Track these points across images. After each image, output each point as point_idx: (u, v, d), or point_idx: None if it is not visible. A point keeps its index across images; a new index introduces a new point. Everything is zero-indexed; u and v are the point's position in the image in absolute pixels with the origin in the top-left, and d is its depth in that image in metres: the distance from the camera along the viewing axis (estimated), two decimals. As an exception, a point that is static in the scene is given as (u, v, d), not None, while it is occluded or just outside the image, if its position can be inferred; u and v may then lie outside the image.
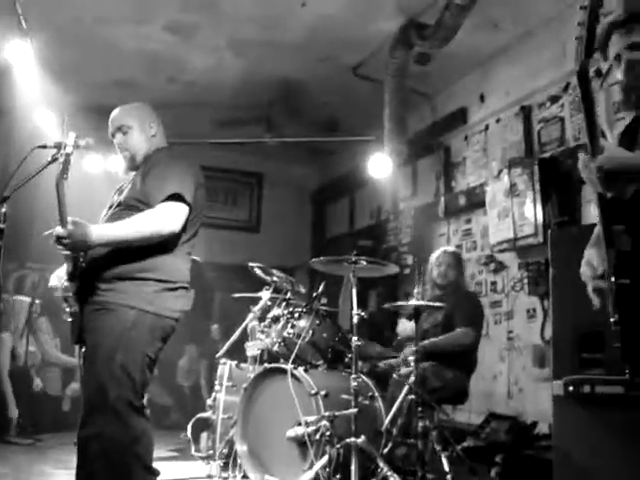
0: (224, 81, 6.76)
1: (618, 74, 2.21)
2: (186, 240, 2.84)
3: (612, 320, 2.00)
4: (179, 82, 6.80)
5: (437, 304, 4.28)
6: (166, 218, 2.63)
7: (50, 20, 5.36)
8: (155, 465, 2.69)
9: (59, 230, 2.49)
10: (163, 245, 2.69)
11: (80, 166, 6.34)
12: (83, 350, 2.73)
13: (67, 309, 2.76)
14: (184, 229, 2.74)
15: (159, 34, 5.79)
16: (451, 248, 5.16)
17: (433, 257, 4.93)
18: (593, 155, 1.93)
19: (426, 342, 4.42)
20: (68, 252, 2.58)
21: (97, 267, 2.68)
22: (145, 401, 2.76)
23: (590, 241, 2.28)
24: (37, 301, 6.39)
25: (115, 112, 3.02)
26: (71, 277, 2.70)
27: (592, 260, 2.19)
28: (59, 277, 2.84)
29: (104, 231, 2.59)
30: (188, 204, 2.69)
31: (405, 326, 4.83)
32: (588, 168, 1.95)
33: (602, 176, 1.92)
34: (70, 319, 2.76)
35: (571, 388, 3.32)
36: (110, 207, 2.89)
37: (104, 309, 2.62)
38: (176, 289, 2.76)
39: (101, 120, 3.22)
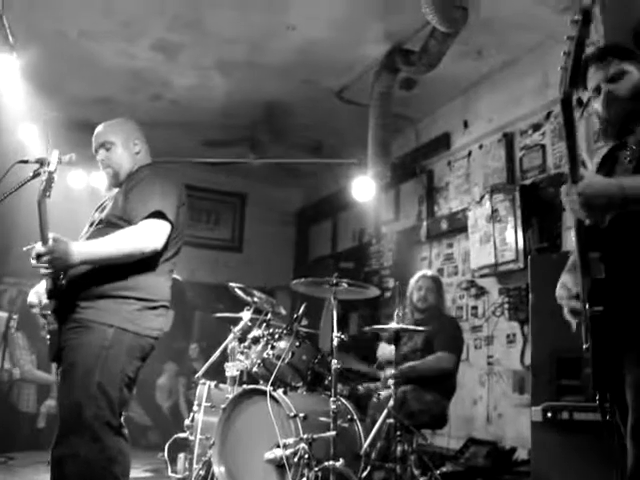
0: (209, 101, 6.77)
1: (596, 105, 2.26)
2: (168, 258, 2.82)
3: (584, 347, 2.02)
4: (164, 100, 6.81)
5: (417, 328, 4.28)
6: (148, 236, 2.61)
7: (37, 35, 5.35)
8: (131, 486, 2.66)
9: (39, 248, 2.47)
10: (145, 263, 2.67)
11: (63, 182, 6.31)
12: (60, 368, 2.69)
13: (46, 326, 2.73)
14: (166, 247, 2.73)
15: (145, 52, 5.80)
16: (430, 272, 5.17)
17: (413, 281, 4.94)
18: (574, 182, 1.96)
19: (405, 366, 4.42)
20: (48, 270, 2.55)
21: (77, 285, 2.65)
22: (123, 420, 2.74)
23: (566, 267, 2.30)
24: (14, 316, 6.32)
25: (99, 128, 3.00)
26: (50, 295, 2.67)
27: (567, 283, 2.21)
28: (38, 294, 2.81)
29: (85, 248, 2.57)
30: (170, 222, 2.68)
31: (385, 350, 4.82)
32: (569, 195, 1.97)
33: (583, 202, 1.94)
34: (48, 337, 2.72)
35: (549, 414, 3.34)
36: (91, 224, 2.87)
37: (82, 327, 2.59)
38: (156, 308, 2.74)
39: (85, 136, 3.21)
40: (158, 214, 2.64)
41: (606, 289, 1.97)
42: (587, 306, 1.99)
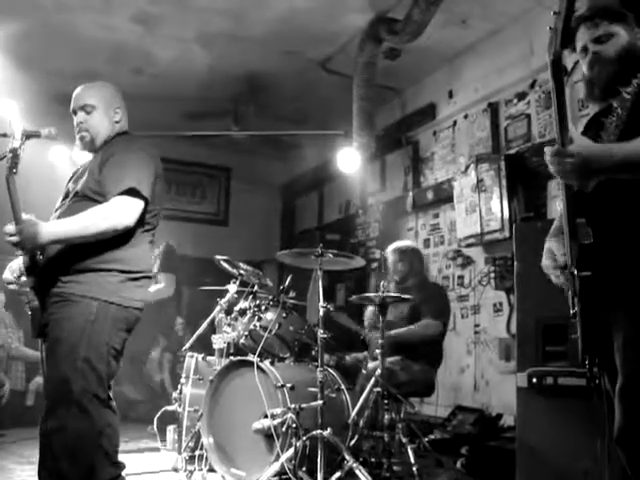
0: (191, 74, 6.70)
1: (583, 66, 2.25)
2: (147, 230, 2.79)
3: (572, 312, 2.04)
4: (145, 74, 6.73)
5: (403, 296, 4.29)
6: (120, 214, 2.56)
7: (13, 8, 5.26)
8: (120, 458, 2.66)
9: (8, 227, 2.44)
10: (124, 237, 2.64)
11: (45, 157, 6.26)
12: (45, 343, 2.67)
13: (27, 303, 2.70)
14: (143, 223, 2.70)
15: (125, 25, 5.72)
16: (396, 244, 5.07)
17: (389, 254, 4.94)
18: (562, 145, 1.94)
19: (392, 332, 4.44)
20: (18, 250, 2.52)
21: (58, 260, 2.62)
22: (112, 393, 2.73)
23: (550, 233, 2.30)
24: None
25: (81, 89, 2.91)
26: (29, 271, 2.65)
27: (553, 251, 2.22)
28: (12, 270, 2.77)
29: (55, 229, 2.52)
30: (144, 199, 2.63)
31: (369, 313, 4.86)
32: (558, 158, 1.94)
33: (573, 167, 1.91)
34: (29, 313, 2.70)
35: (534, 380, 3.37)
36: (66, 196, 2.80)
37: (66, 301, 2.56)
38: (138, 279, 2.71)
39: (66, 109, 3.16)
40: (131, 191, 2.59)
41: (593, 254, 1.98)
42: (575, 271, 1.99)
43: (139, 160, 2.72)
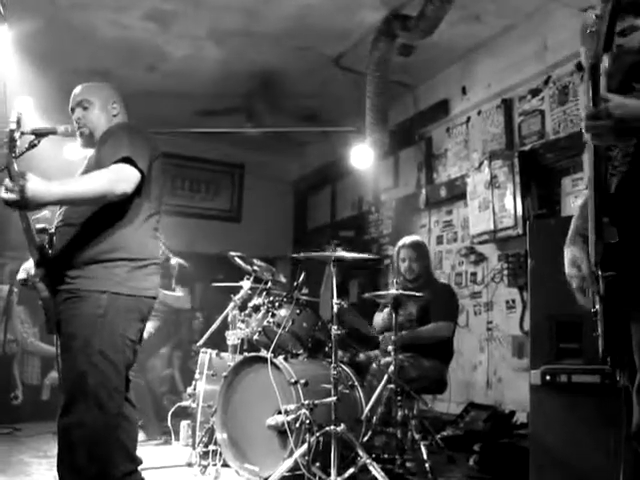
0: (204, 71, 6.72)
1: (606, 60, 2.22)
2: (151, 215, 2.76)
3: (592, 310, 2.02)
4: (158, 71, 6.75)
5: (416, 294, 4.28)
6: (117, 177, 2.52)
7: (29, 6, 5.29)
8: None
9: (7, 182, 2.29)
10: (126, 219, 2.64)
11: (61, 154, 6.29)
12: (60, 340, 2.68)
13: (40, 298, 2.71)
14: (137, 196, 2.64)
15: (138, 22, 5.74)
16: (411, 238, 4.99)
17: (395, 252, 4.91)
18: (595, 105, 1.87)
19: (404, 332, 4.44)
20: (17, 209, 2.39)
21: (64, 254, 2.62)
22: (130, 384, 2.75)
23: (568, 238, 2.28)
24: (15, 289, 6.34)
25: (77, 88, 2.95)
26: (38, 264, 2.67)
27: (577, 260, 2.19)
28: (26, 270, 2.79)
29: (57, 188, 2.39)
30: (140, 170, 2.58)
31: (378, 318, 4.85)
32: (595, 118, 1.88)
33: (613, 125, 1.86)
34: (40, 302, 2.70)
35: (548, 377, 3.37)
36: None
37: (76, 297, 2.56)
38: (146, 266, 2.69)
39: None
40: (127, 160, 2.55)
41: (618, 253, 1.97)
42: (599, 271, 1.98)
43: (134, 137, 2.70)
